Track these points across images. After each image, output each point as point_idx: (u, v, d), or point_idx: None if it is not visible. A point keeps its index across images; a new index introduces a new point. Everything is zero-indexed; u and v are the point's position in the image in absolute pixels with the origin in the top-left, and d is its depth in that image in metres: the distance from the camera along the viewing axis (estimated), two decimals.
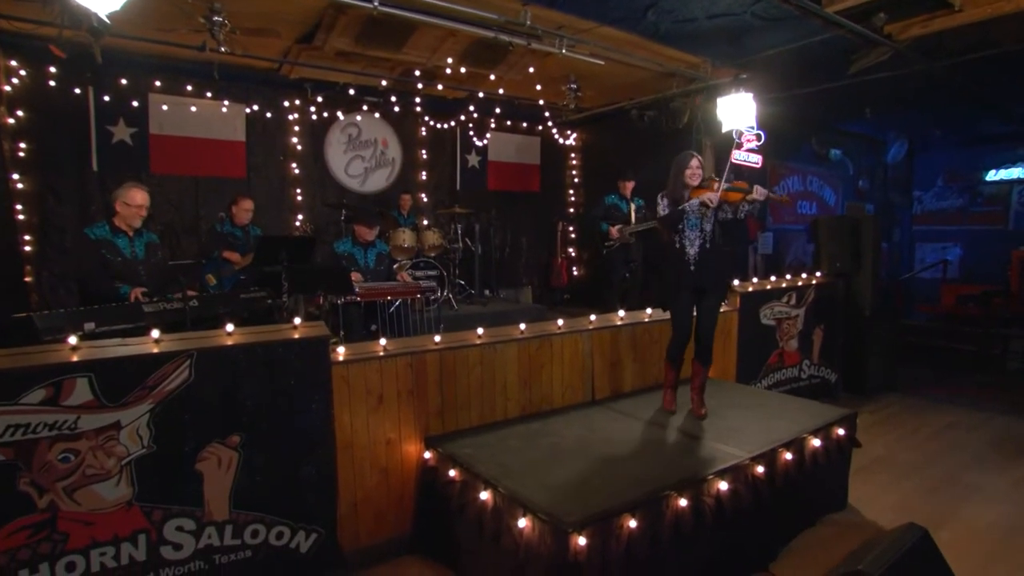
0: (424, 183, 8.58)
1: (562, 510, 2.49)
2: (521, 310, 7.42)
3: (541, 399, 3.86)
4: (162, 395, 2.61)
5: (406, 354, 3.27)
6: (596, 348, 4.15)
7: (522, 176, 9.52)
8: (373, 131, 8.07)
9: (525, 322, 3.99)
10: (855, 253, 6.12)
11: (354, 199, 7.64)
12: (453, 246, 7.35)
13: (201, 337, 2.81)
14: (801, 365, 5.59)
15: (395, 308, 4.91)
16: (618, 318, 4.42)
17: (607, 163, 8.62)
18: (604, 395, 4.17)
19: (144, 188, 4.23)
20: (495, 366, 3.64)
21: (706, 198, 3.64)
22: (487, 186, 9.16)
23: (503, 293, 8.71)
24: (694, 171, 3.74)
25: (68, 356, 2.53)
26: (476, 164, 9.04)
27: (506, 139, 9.27)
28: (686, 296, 3.77)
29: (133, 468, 2.60)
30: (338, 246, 5.11)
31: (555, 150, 9.81)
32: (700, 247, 3.73)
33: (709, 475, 2.91)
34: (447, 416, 3.45)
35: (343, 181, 7.83)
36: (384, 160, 8.17)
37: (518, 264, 9.58)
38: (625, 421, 3.70)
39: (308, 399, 2.87)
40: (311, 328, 2.96)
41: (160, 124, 6.61)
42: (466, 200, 8.09)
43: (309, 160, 7.59)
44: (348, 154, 7.87)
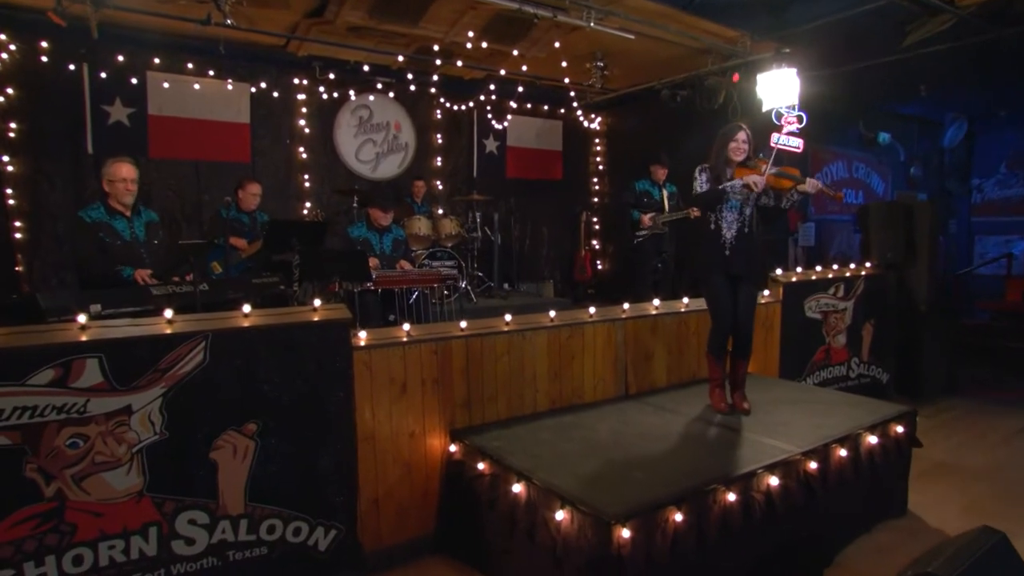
0: (439, 169, 8.62)
1: (603, 501, 2.50)
2: (544, 304, 7.43)
3: (572, 392, 3.88)
4: (175, 379, 2.65)
5: (431, 340, 3.30)
6: (629, 339, 4.16)
7: (543, 163, 9.54)
8: (385, 113, 8.13)
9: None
10: (909, 242, 6.07)
11: (365, 186, 7.70)
12: (471, 235, 7.39)
13: (216, 318, 2.85)
14: (849, 363, 5.56)
15: (414, 298, 4.95)
16: (653, 307, 4.43)
17: (634, 149, 8.62)
18: (638, 389, 4.18)
19: (129, 160, 4.24)
20: (524, 355, 3.66)
21: (751, 180, 3.60)
22: (506, 173, 9.20)
23: (523, 287, 8.74)
24: (740, 146, 3.70)
25: (77, 336, 2.56)
26: (494, 150, 9.07)
27: (526, 123, 9.29)
28: (719, 280, 3.75)
29: (144, 456, 2.63)
30: (352, 231, 5.16)
31: (578, 135, 9.83)
32: (738, 231, 3.70)
33: (758, 469, 2.91)
34: (473, 408, 3.47)
35: (353, 167, 7.89)
36: (397, 145, 8.23)
37: (539, 256, 9.60)
38: (662, 415, 3.70)
39: (328, 386, 2.89)
40: (331, 311, 3.00)
41: (159, 104, 6.69)
42: (483, 188, 8.13)
43: (317, 144, 7.66)
44: (359, 138, 7.93)
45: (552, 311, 3.99)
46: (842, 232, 9.23)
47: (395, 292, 4.86)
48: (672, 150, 7.03)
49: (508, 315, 3.76)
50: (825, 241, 8.91)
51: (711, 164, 3.76)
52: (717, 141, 3.77)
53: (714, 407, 3.86)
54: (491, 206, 8.30)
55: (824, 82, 6.55)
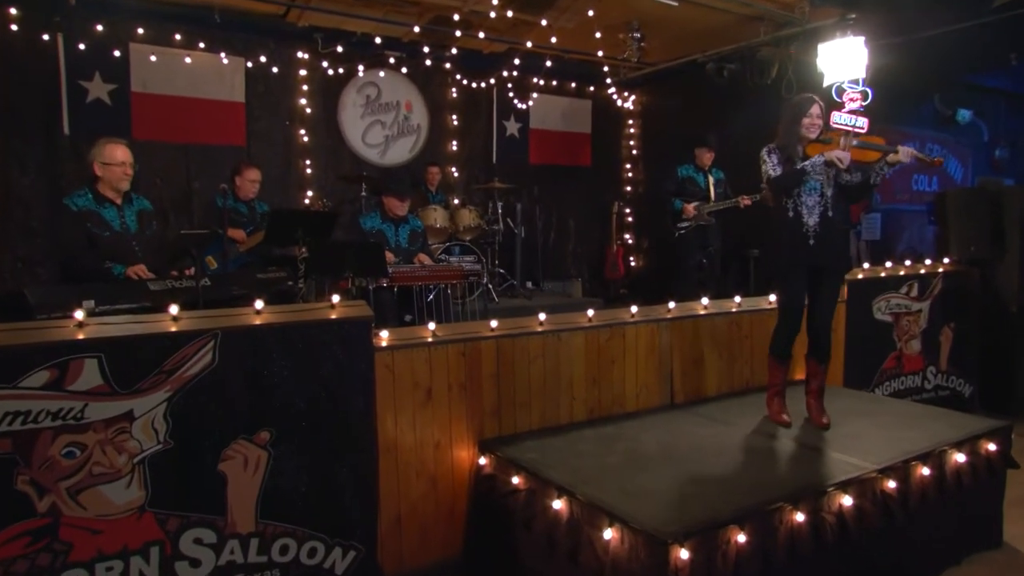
0: (454, 155, 8.69)
1: (657, 519, 2.54)
2: (572, 305, 7.47)
3: (612, 400, 3.92)
4: (181, 381, 2.70)
5: (459, 341, 3.35)
6: (675, 342, 4.18)
7: (570, 147, 9.59)
8: (395, 92, 8.21)
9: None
10: (995, 234, 6.02)
11: (373, 173, 7.78)
12: (492, 227, 7.45)
13: (226, 315, 2.90)
14: (925, 372, 5.54)
15: (432, 296, 5.02)
16: (701, 307, 4.45)
17: (673, 131, 8.65)
18: (685, 398, 4.21)
19: (123, 142, 4.33)
20: (559, 359, 3.70)
21: (835, 156, 3.56)
22: (528, 159, 9.26)
23: (548, 285, 8.78)
24: (813, 121, 3.68)
25: (74, 334, 2.62)
26: (516, 132, 9.13)
27: (552, 102, 9.35)
28: (801, 276, 3.74)
29: (147, 467, 2.67)
30: (365, 221, 5.24)
31: (610, 116, 9.87)
32: (821, 216, 3.69)
33: (829, 487, 2.92)
34: (504, 416, 3.51)
35: (360, 151, 7.99)
36: (408, 127, 8.31)
37: (565, 252, 9.65)
38: (714, 427, 3.73)
39: (348, 390, 2.94)
40: (351, 308, 3.05)
41: (144, 80, 6.79)
42: (503, 175, 8.19)
43: (320, 126, 7.76)
44: (366, 119, 8.02)
45: (590, 310, 4.03)
46: (913, 224, 9.19)
47: (413, 290, 4.93)
48: (718, 132, 7.05)
49: (542, 314, 3.80)
50: (893, 234, 8.88)
51: (781, 143, 3.76)
52: (786, 115, 3.77)
53: (771, 418, 3.87)
54: (512, 195, 8.36)
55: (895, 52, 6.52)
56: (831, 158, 3.59)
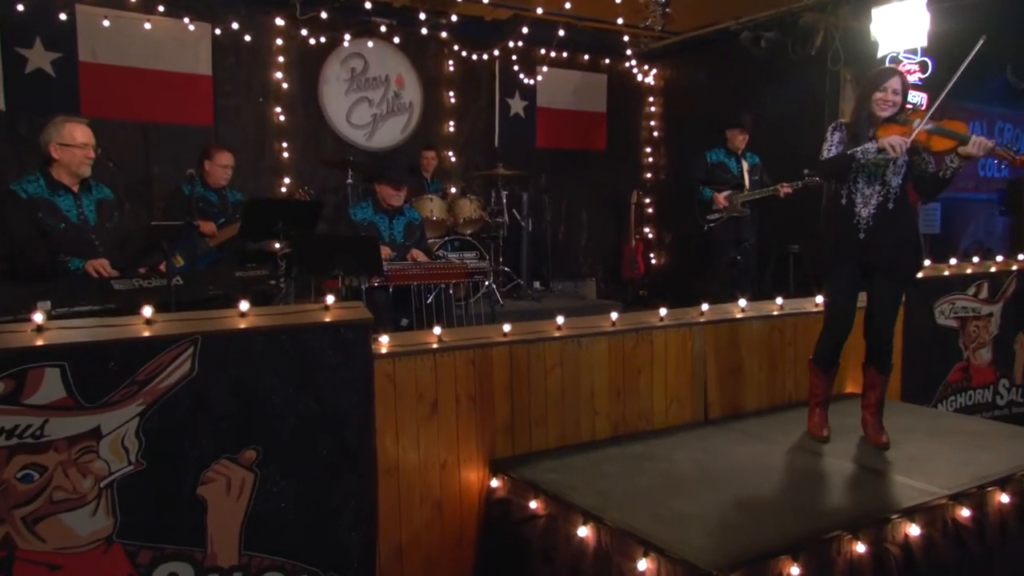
0: (451, 137, 8.73)
1: (698, 548, 2.57)
2: (586, 307, 7.52)
3: (638, 415, 3.96)
4: (156, 394, 2.72)
5: (468, 347, 3.39)
6: (710, 349, 4.22)
7: (582, 128, 9.64)
8: (384, 65, 8.25)
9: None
10: None
11: (359, 157, 7.82)
12: (496, 220, 7.49)
13: (206, 318, 2.94)
14: (996, 386, 5.53)
15: (432, 298, 5.06)
16: (738, 309, 4.49)
17: (701, 110, 8.68)
18: (721, 413, 4.25)
19: (84, 121, 4.33)
20: (580, 367, 3.74)
21: (888, 143, 3.54)
22: (535, 142, 9.30)
23: (558, 286, 8.82)
24: (888, 97, 3.67)
25: (32, 339, 2.63)
26: (521, 111, 9.17)
27: (562, 77, 9.38)
28: (847, 272, 3.77)
29: (115, 492, 2.69)
30: (356, 212, 5.27)
31: (628, 92, 9.91)
32: (878, 207, 3.71)
33: (893, 515, 2.95)
34: (518, 433, 3.55)
35: (344, 133, 8.02)
36: (398, 105, 8.35)
37: (576, 248, 9.69)
38: (755, 445, 3.77)
39: (344, 403, 2.97)
40: (347, 309, 3.09)
41: (93, 49, 6.77)
42: (506, 161, 8.17)
43: (297, 103, 7.79)
44: (350, 95, 8.06)
45: (614, 313, 4.07)
46: (979, 215, 9.20)
47: (410, 291, 4.96)
48: (753, 111, 7.08)
49: (560, 316, 3.84)
50: (956, 227, 8.89)
51: (851, 120, 3.78)
52: (859, 89, 3.79)
53: (810, 432, 3.92)
54: (517, 183, 8.38)
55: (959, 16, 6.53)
56: (883, 144, 3.57)
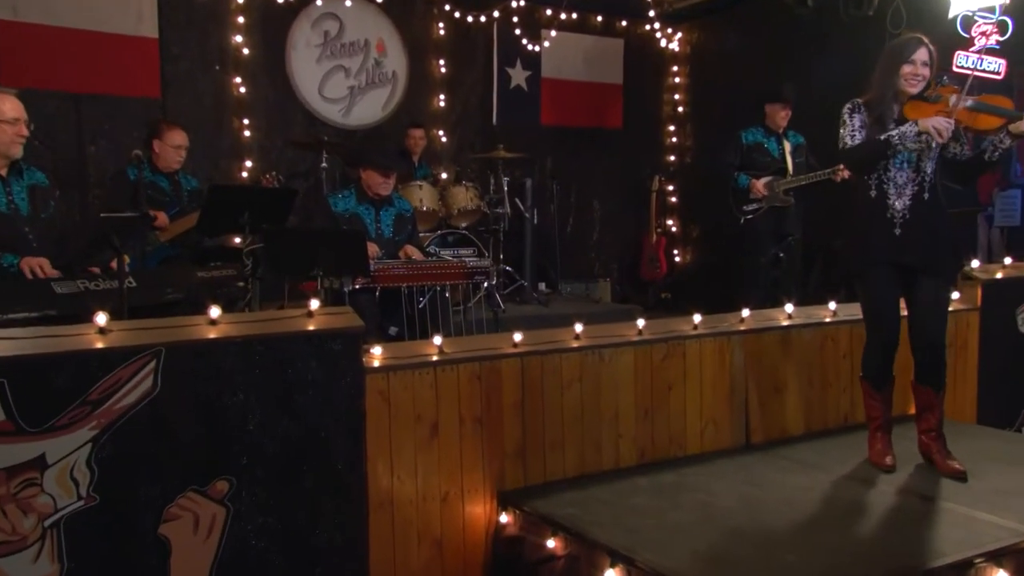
0: (441, 114, 8.71)
1: None
2: (601, 313, 7.47)
3: (669, 439, 3.95)
4: (111, 416, 2.70)
5: (472, 360, 3.38)
6: (751, 362, 4.21)
7: (595, 103, 9.61)
8: (363, 27, 8.22)
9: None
10: None
11: (334, 136, 7.78)
12: (496, 211, 7.47)
13: (170, 326, 2.92)
14: None
15: (425, 302, 5.04)
16: (784, 315, 4.48)
17: (735, 81, 8.64)
18: (764, 437, 4.24)
19: (13, 92, 4.29)
20: (601, 383, 3.73)
21: (933, 125, 3.53)
22: (539, 119, 9.27)
23: (567, 288, 8.79)
24: (917, 71, 3.68)
25: None
26: (523, 83, 9.15)
27: (572, 43, 9.36)
28: (884, 276, 3.77)
29: (62, 533, 2.67)
30: (337, 203, 5.25)
31: (648, 61, 9.88)
32: (913, 198, 3.72)
33: (977, 559, 2.92)
34: (530, 459, 3.54)
35: (316, 108, 7.99)
36: (380, 75, 8.33)
37: (587, 243, 9.66)
38: (807, 474, 3.76)
39: (331, 425, 2.96)
40: (334, 316, 3.07)
41: (14, 4, 6.67)
42: (506, 141, 8.10)
43: (261, 72, 7.73)
44: (323, 64, 8.02)
45: (640, 320, 4.05)
46: None
47: (400, 293, 4.94)
48: (797, 82, 7.05)
49: (579, 324, 3.83)
50: None
51: (871, 99, 3.77)
52: (882, 62, 3.77)
53: (871, 460, 3.89)
54: (520, 168, 8.35)
55: None
56: (927, 127, 3.55)
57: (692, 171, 9.94)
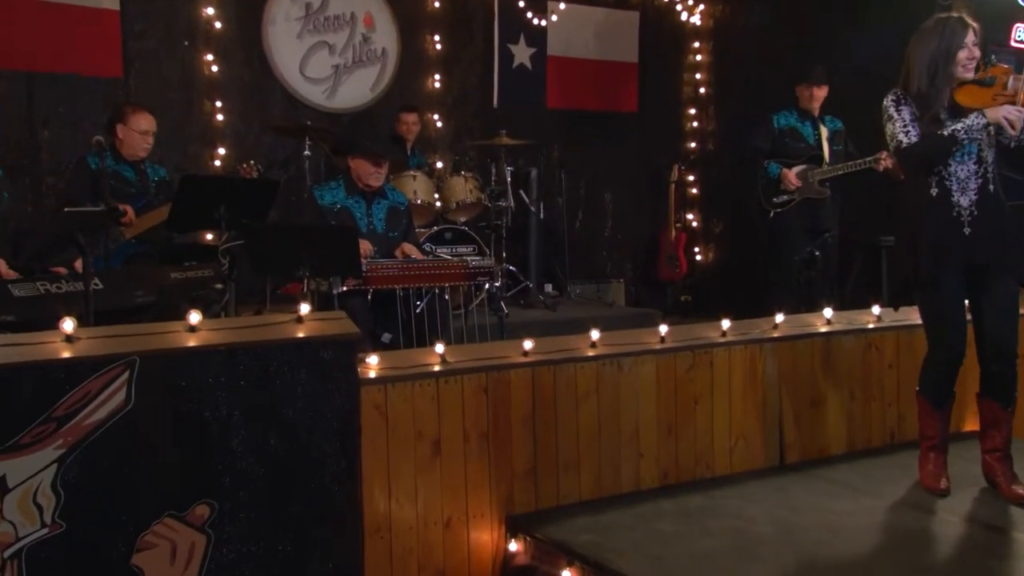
0: (436, 96, 8.70)
1: None
2: (614, 318, 7.49)
3: (695, 458, 3.98)
4: (79, 433, 2.71)
5: (479, 370, 3.40)
6: (785, 373, 4.23)
7: (608, 83, 9.62)
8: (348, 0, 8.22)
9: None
10: None
11: (317, 120, 7.75)
12: (498, 205, 7.47)
13: (145, 333, 2.94)
14: None
15: (423, 306, 5.04)
16: (822, 320, 4.50)
17: (763, 59, 8.64)
18: (801, 456, 4.26)
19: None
20: (620, 396, 3.76)
21: (1005, 116, 3.52)
22: (545, 101, 9.27)
23: (577, 289, 8.78)
24: (972, 54, 3.68)
25: None
26: (527, 62, 9.16)
27: (581, 16, 9.37)
28: (955, 280, 3.77)
29: (23, 564, 2.67)
30: (324, 195, 5.24)
31: (667, 36, 9.89)
32: (979, 191, 3.72)
33: None
34: (543, 481, 3.56)
35: (297, 89, 7.98)
36: (368, 53, 8.33)
37: (599, 240, 9.67)
38: (851, 499, 3.76)
39: (322, 443, 2.97)
40: (326, 322, 3.09)
41: None
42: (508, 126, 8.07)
43: (235, 49, 7.74)
44: (305, 40, 8.02)
45: (663, 326, 4.07)
46: None
47: (396, 296, 4.95)
48: (835, 60, 7.06)
49: (595, 331, 3.85)
50: None
51: (918, 89, 3.76)
52: (923, 51, 3.74)
53: (923, 483, 3.90)
54: (524, 156, 8.34)
55: None
56: (997, 118, 3.55)
57: (716, 159, 9.94)
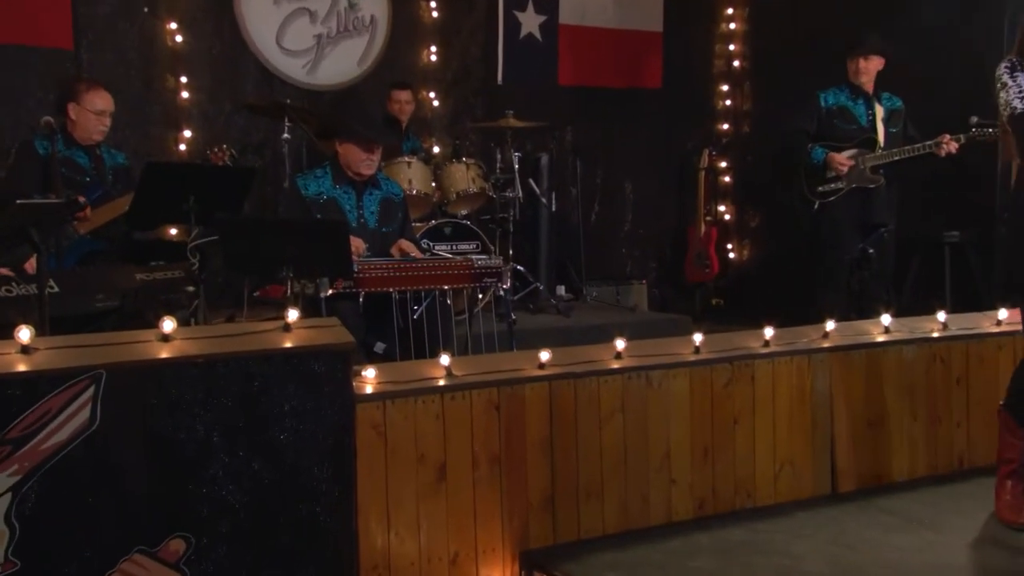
0: (432, 71, 8.73)
1: None
2: (637, 325, 7.47)
3: (735, 486, 3.98)
4: (37, 458, 2.72)
5: (489, 385, 3.41)
6: (838, 388, 4.23)
7: (629, 56, 9.65)
8: None
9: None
10: None
11: (296, 99, 7.79)
12: (504, 195, 7.48)
13: (112, 343, 2.94)
14: None
15: (421, 311, 5.05)
16: (879, 328, 4.51)
17: (807, 27, 8.66)
18: (856, 484, 4.25)
19: None
20: (649, 414, 3.76)
21: None
22: (556, 77, 9.28)
23: (593, 292, 8.77)
24: None
25: None
26: (536, 31, 9.18)
27: None
28: None
29: None
30: (307, 184, 5.23)
31: (695, 2, 9.90)
32: None
33: None
34: (561, 511, 3.56)
35: (274, 62, 8.00)
36: (355, 21, 8.35)
37: (617, 236, 9.70)
38: (916, 534, 3.76)
39: (312, 468, 2.99)
40: (317, 330, 3.10)
41: None
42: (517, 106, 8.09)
43: (202, 16, 7.78)
44: (283, 5, 8.06)
45: (697, 335, 4.07)
46: None
47: (391, 300, 4.95)
48: (892, 28, 7.05)
49: (620, 341, 3.85)
50: None
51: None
52: None
53: (999, 516, 3.88)
54: (533, 140, 8.35)
55: None
56: None
57: (752, 143, 9.95)
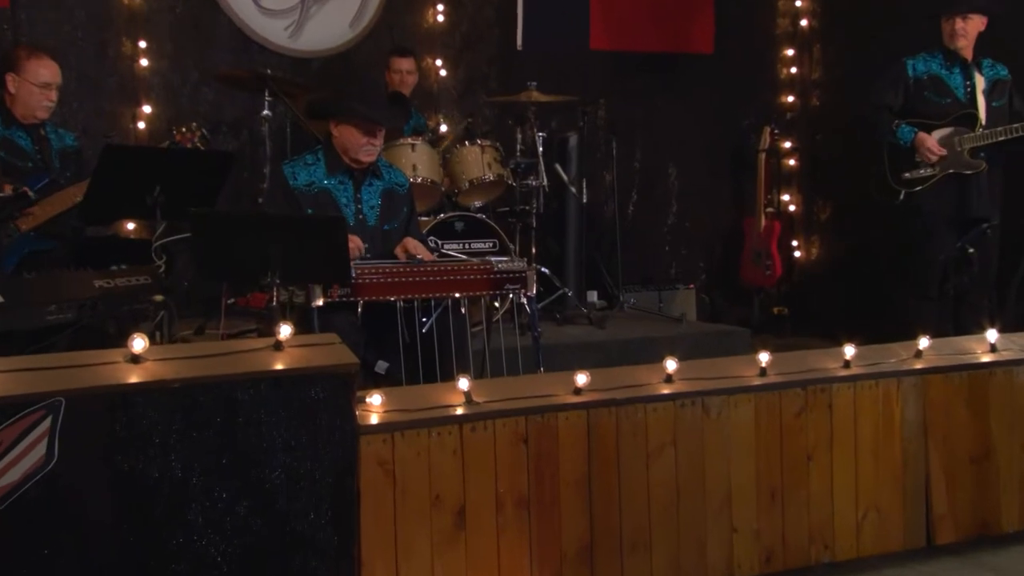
0: (439, 34, 8.76)
1: None
2: (686, 338, 7.51)
3: (808, 536, 3.99)
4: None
5: (516, 413, 3.43)
6: (936, 418, 4.25)
7: (673, 17, 9.68)
8: None
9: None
10: None
11: (279, 68, 7.81)
12: (526, 184, 7.49)
13: (73, 366, 2.97)
14: None
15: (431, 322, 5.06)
16: (984, 346, 4.53)
17: None
18: (957, 536, 4.27)
19: None
20: (705, 450, 3.79)
21: None
22: (587, 41, 9.30)
23: (631, 298, 8.76)
24: None
25: None
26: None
27: None
28: None
29: None
30: (296, 172, 5.22)
31: None
32: None
33: None
34: (601, 563, 3.59)
35: (252, 24, 8.03)
36: None
37: (660, 232, 9.70)
38: None
39: (307, 514, 3.03)
40: (315, 349, 3.13)
41: None
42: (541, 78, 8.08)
43: None
44: None
45: (763, 354, 4.07)
46: None
47: (395, 310, 4.96)
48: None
49: (671, 362, 3.86)
50: None
51: None
52: None
53: None
54: (559, 118, 8.38)
55: None
56: None
57: (824, 120, 9.96)
